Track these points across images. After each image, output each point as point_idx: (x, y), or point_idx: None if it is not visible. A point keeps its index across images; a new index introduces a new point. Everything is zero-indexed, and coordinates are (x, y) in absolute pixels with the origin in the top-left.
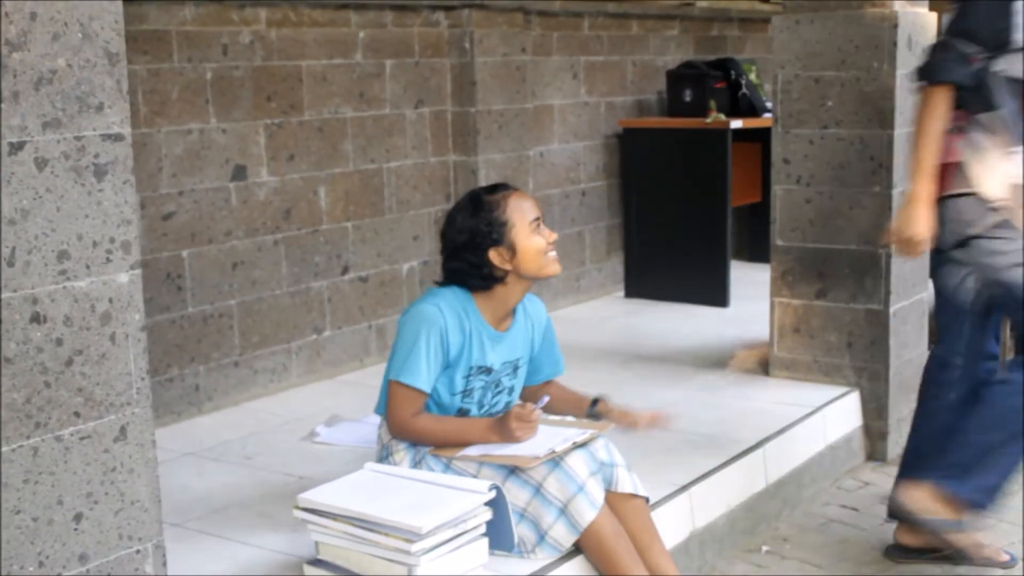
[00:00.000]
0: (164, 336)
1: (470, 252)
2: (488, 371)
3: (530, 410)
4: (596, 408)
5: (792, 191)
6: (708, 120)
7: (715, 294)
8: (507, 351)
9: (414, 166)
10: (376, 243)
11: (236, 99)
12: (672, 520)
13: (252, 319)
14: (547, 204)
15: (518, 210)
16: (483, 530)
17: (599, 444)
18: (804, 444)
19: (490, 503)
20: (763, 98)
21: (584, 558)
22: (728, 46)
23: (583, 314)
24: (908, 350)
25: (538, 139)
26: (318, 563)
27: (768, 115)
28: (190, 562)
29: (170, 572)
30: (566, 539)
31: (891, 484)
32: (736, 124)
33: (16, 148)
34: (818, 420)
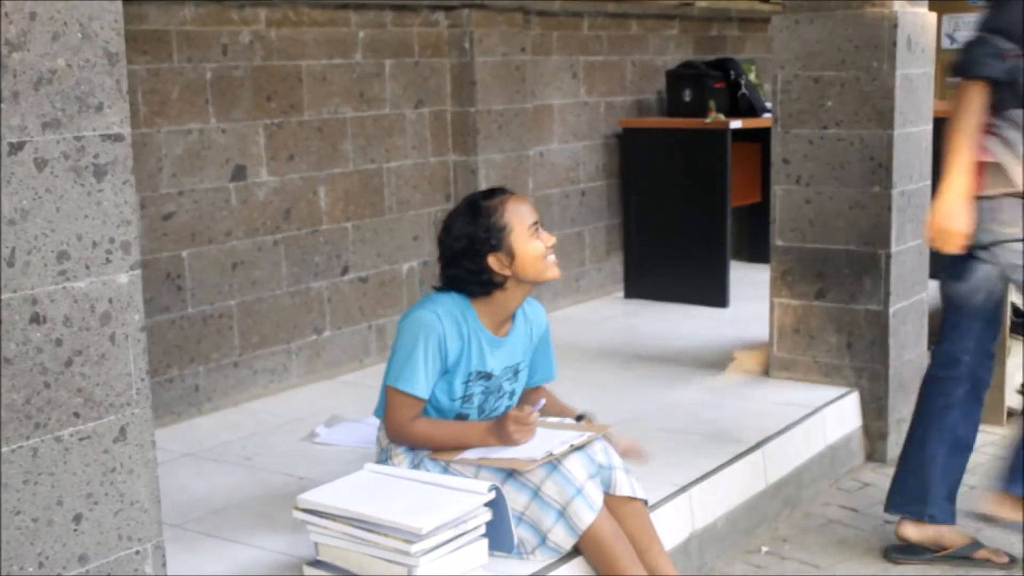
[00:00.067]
0: (164, 336)
1: (468, 258)
2: (488, 376)
3: (527, 413)
4: (579, 424)
5: (792, 191)
6: (708, 120)
7: (715, 294)
8: (507, 356)
9: (414, 166)
10: (376, 243)
11: (236, 99)
12: (672, 521)
13: (252, 319)
14: (547, 204)
15: (516, 214)
16: (483, 531)
17: (597, 447)
18: (804, 445)
19: (490, 504)
20: (763, 98)
21: (583, 559)
22: (728, 46)
23: (582, 314)
24: (908, 350)
25: (538, 139)
26: (318, 564)
27: (768, 115)
28: (190, 563)
29: (170, 573)
30: (565, 542)
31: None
32: (736, 124)
33: (16, 148)
34: (818, 421)
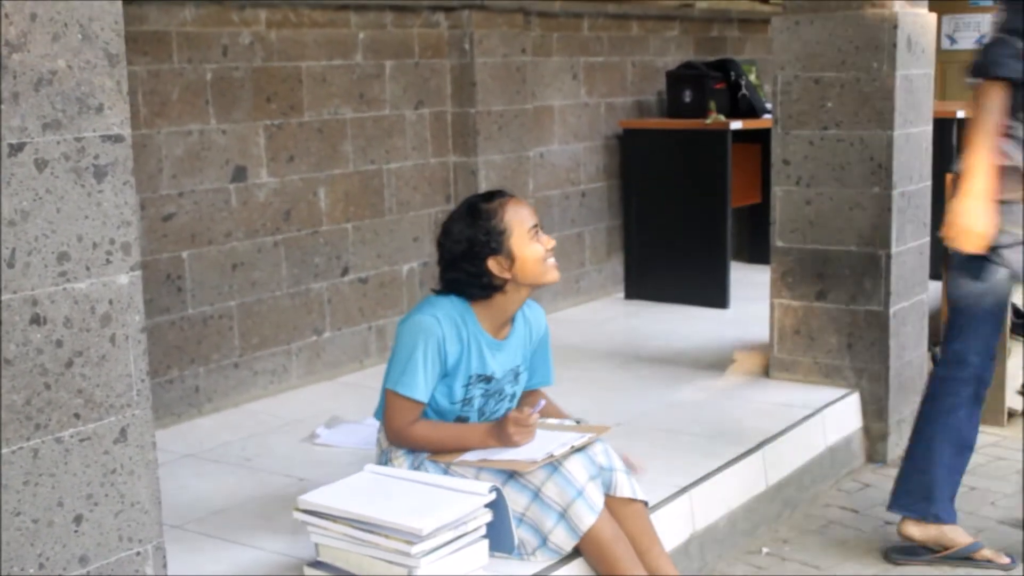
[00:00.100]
0: (164, 337)
1: (468, 262)
2: (488, 379)
3: (527, 415)
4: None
5: (792, 192)
6: (708, 121)
7: (715, 295)
8: (508, 359)
9: (414, 167)
10: (376, 244)
11: (236, 100)
12: (672, 522)
13: (252, 320)
14: (547, 205)
15: (516, 217)
16: (483, 532)
17: (598, 448)
18: (804, 446)
19: (490, 505)
20: (763, 99)
21: (584, 561)
22: (728, 47)
23: (583, 315)
24: (908, 351)
25: (538, 140)
26: (318, 565)
27: (768, 116)
28: (190, 564)
29: (170, 574)
30: (566, 543)
31: (891, 485)
32: (736, 125)
33: (16, 149)
34: (818, 422)
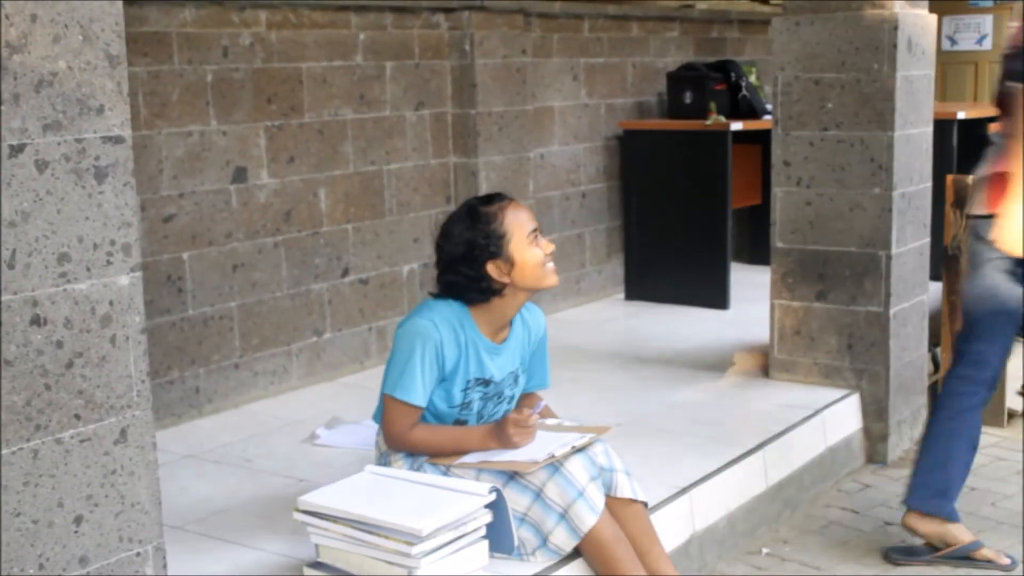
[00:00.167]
0: (164, 338)
1: (467, 265)
2: (486, 383)
3: (527, 416)
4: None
5: (792, 193)
6: (708, 122)
7: (715, 296)
8: (506, 362)
9: (414, 168)
10: (376, 245)
11: (236, 101)
12: (672, 522)
13: (252, 321)
14: (547, 206)
15: (516, 221)
16: (483, 532)
17: (598, 449)
18: (804, 446)
19: (490, 505)
20: (763, 100)
21: (584, 561)
22: (728, 48)
23: (583, 316)
24: (908, 352)
25: (538, 141)
26: (318, 566)
27: (768, 117)
28: (190, 565)
29: (170, 574)
30: (567, 544)
31: (891, 486)
32: (736, 126)
33: (16, 150)
34: (818, 422)
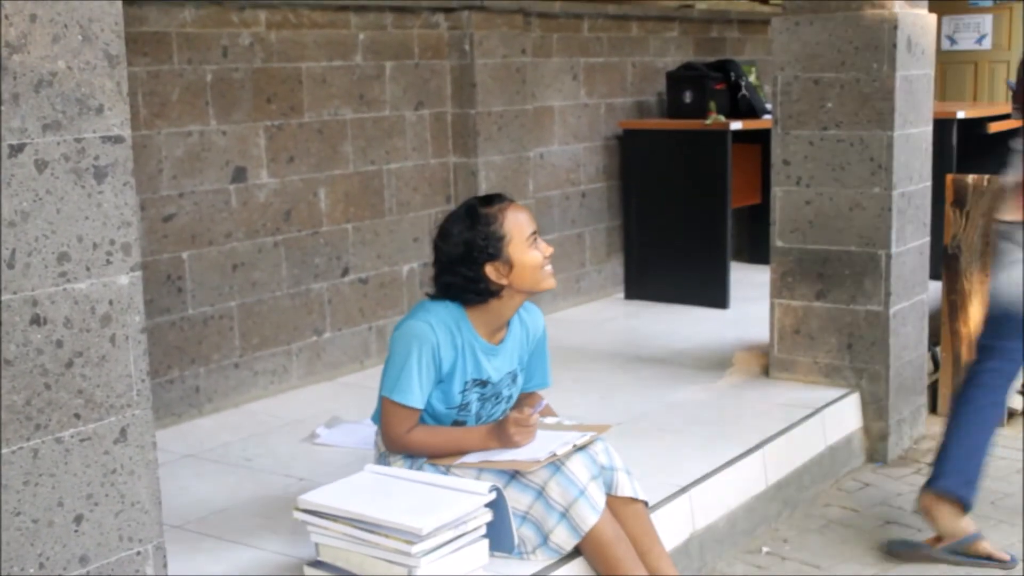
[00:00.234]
0: (164, 338)
1: (465, 266)
2: (484, 384)
3: (528, 415)
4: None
5: (792, 192)
6: (708, 122)
7: (715, 296)
8: (504, 363)
9: (414, 168)
10: (376, 245)
11: (236, 101)
12: (672, 521)
13: (252, 321)
14: (547, 206)
15: (516, 224)
16: (483, 531)
17: (599, 448)
18: (804, 445)
19: (490, 504)
20: (763, 99)
21: (584, 559)
22: (728, 48)
23: (583, 316)
24: (908, 351)
25: (538, 141)
26: (318, 564)
27: (768, 116)
28: (190, 564)
29: (170, 574)
30: (567, 543)
31: (891, 485)
32: (736, 126)
33: (16, 150)
34: (818, 421)
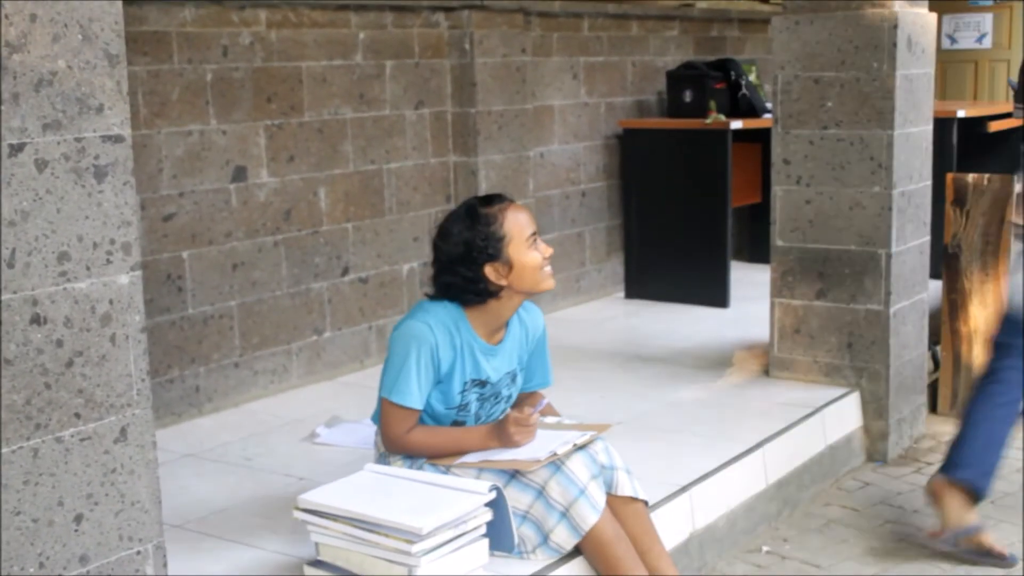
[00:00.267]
0: (164, 337)
1: (465, 266)
2: (483, 384)
3: (528, 415)
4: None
5: (792, 191)
6: (708, 121)
7: (715, 295)
8: (503, 363)
9: (414, 167)
10: (376, 244)
11: (236, 100)
12: (672, 521)
13: (252, 320)
14: (547, 205)
15: (516, 224)
16: (483, 531)
17: (599, 447)
18: (804, 445)
19: (490, 504)
20: (763, 99)
21: (584, 559)
22: (728, 47)
23: (583, 315)
24: (908, 351)
25: (538, 140)
26: (318, 564)
27: (768, 116)
28: (190, 563)
29: (170, 573)
30: (567, 542)
31: (891, 484)
32: (736, 125)
33: (16, 150)
34: (818, 421)
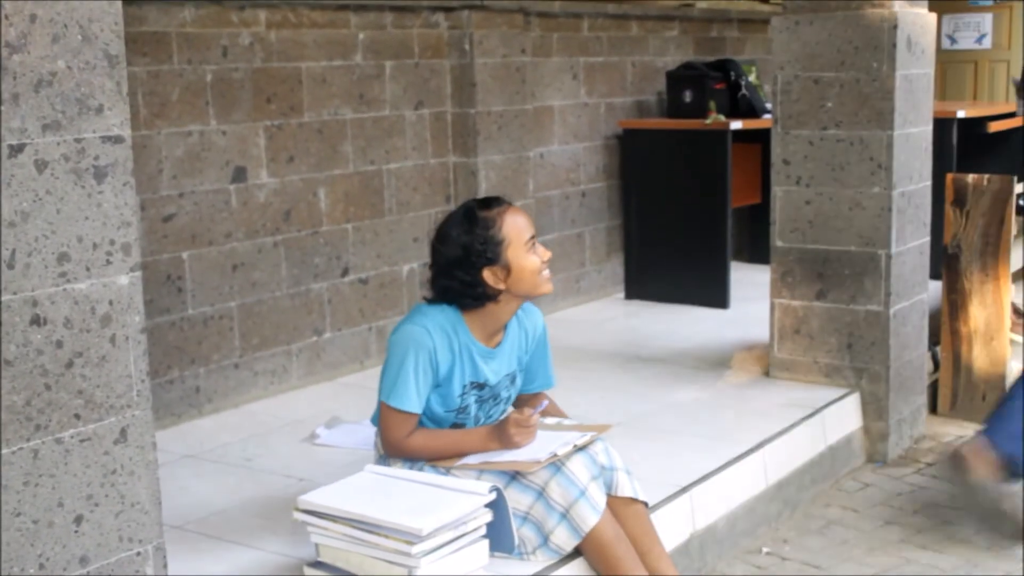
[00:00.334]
0: (164, 338)
1: (463, 270)
2: (481, 387)
3: (528, 415)
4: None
5: (792, 192)
6: (708, 121)
7: (715, 295)
8: (502, 365)
9: (414, 167)
10: (376, 244)
11: (236, 101)
12: (672, 522)
13: (252, 321)
14: (547, 205)
15: (514, 228)
16: (483, 532)
17: (599, 448)
18: (804, 445)
19: (490, 505)
20: (763, 99)
21: (584, 560)
22: (728, 47)
23: (583, 316)
24: (908, 351)
25: (538, 140)
26: (318, 565)
27: (768, 116)
28: (190, 564)
29: (170, 574)
30: (568, 543)
31: (891, 485)
32: (736, 125)
33: (16, 150)
34: (818, 421)
